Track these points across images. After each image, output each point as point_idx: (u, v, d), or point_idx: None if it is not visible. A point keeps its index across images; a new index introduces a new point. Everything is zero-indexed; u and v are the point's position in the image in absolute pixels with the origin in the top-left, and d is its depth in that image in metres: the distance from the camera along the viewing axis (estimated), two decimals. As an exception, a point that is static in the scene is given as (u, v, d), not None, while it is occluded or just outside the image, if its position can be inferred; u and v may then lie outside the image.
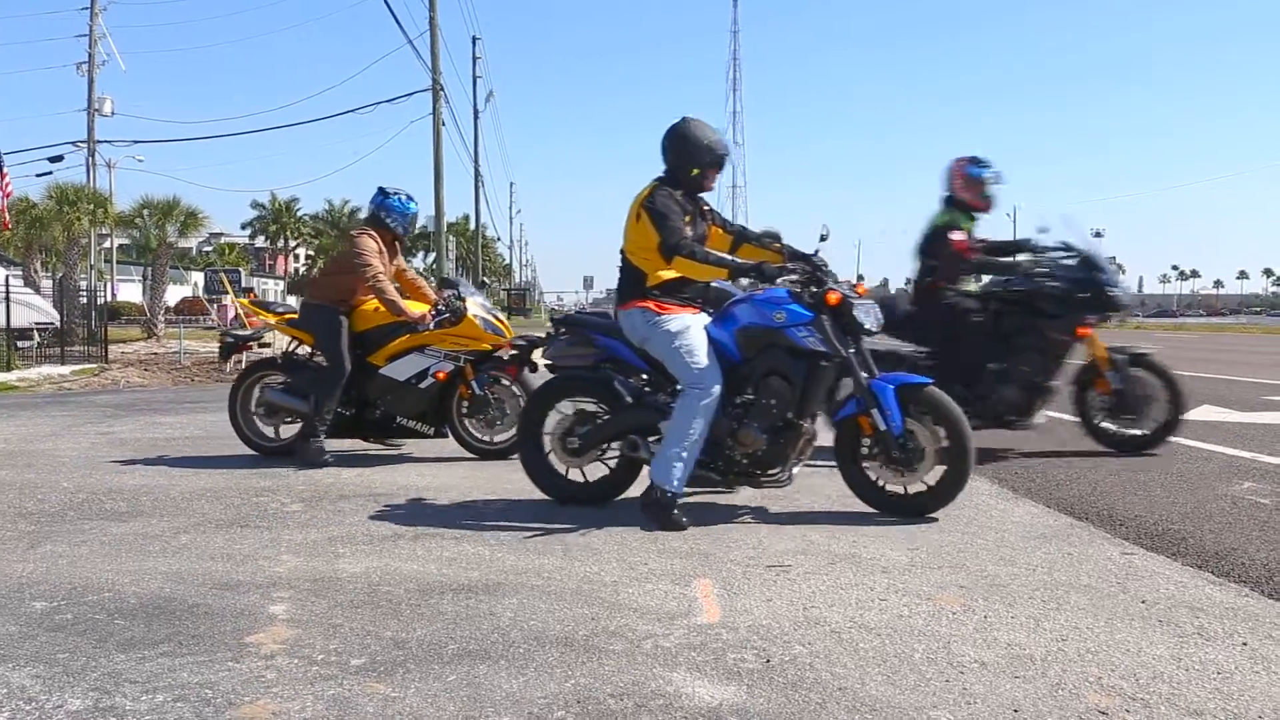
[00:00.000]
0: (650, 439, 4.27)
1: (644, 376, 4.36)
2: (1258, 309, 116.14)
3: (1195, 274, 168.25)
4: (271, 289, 77.80)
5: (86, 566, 3.49)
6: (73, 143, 29.18)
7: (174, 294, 37.40)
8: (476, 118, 34.98)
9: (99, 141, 29.96)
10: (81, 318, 19.71)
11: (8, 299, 14.68)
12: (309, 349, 5.97)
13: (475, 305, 5.83)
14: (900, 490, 4.14)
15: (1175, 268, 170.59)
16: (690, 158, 4.27)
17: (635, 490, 4.31)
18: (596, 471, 4.51)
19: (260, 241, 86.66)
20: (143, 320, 25.57)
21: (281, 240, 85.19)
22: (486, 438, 5.86)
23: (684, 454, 4.03)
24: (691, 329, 4.12)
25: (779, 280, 4.13)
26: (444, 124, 22.66)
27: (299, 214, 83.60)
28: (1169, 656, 2.54)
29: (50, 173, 26.72)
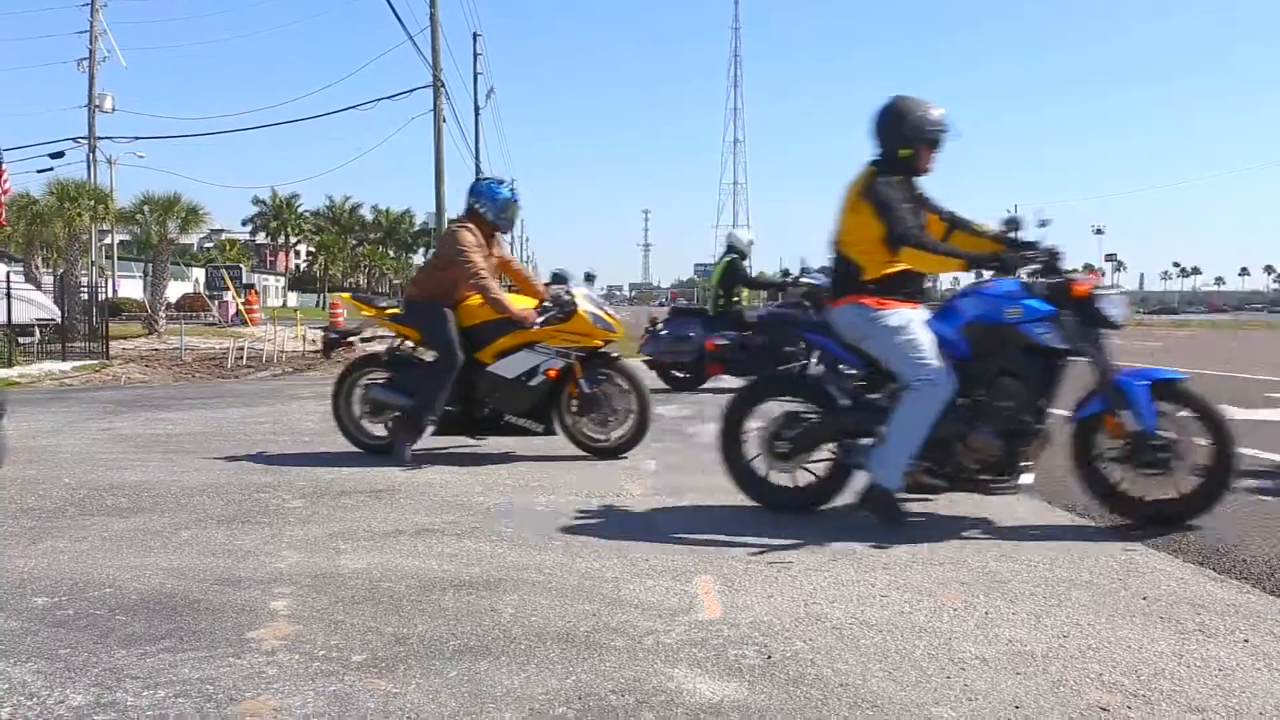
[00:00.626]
0: (863, 441, 4.00)
1: (857, 376, 4.08)
2: (1259, 305, 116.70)
3: (1196, 271, 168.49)
4: (273, 285, 77.92)
5: (88, 562, 3.49)
6: (73, 139, 29.21)
7: (175, 290, 37.45)
8: (477, 114, 34.94)
9: (100, 138, 29.98)
10: (83, 314, 19.70)
11: (9, 295, 14.69)
12: (412, 345, 5.84)
13: (585, 300, 5.65)
14: (1150, 496, 3.81)
15: (1176, 264, 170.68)
16: (901, 137, 3.98)
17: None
18: (784, 475, 4.23)
19: (261, 238, 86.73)
20: (144, 316, 25.57)
21: (282, 236, 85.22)
22: (599, 435, 5.69)
23: (906, 452, 3.83)
24: (914, 323, 3.88)
25: (1017, 272, 3.83)
26: (445, 120, 22.57)
27: (300, 210, 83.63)
28: (1170, 653, 2.54)
29: (51, 169, 26.77)
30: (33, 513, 4.33)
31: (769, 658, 2.51)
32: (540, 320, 5.51)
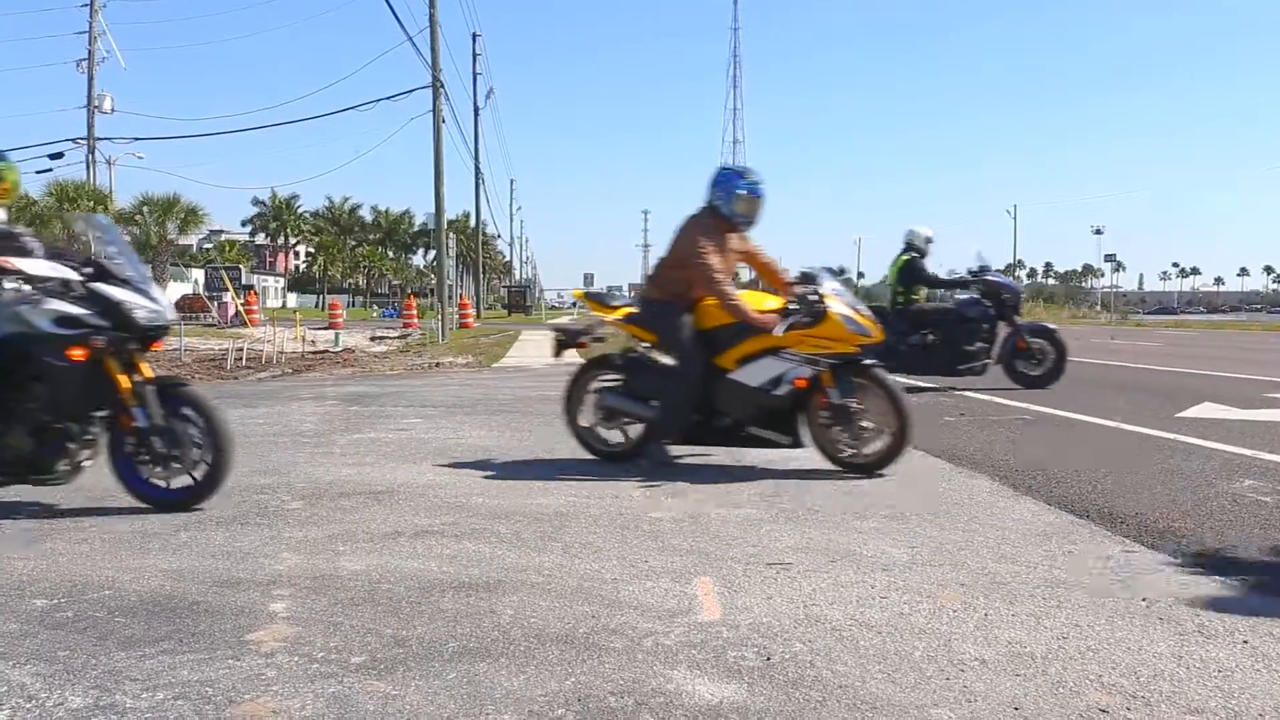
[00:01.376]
0: None
1: None
2: (1258, 306, 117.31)
3: (1196, 271, 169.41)
4: (272, 286, 77.96)
5: (87, 564, 3.49)
6: (73, 140, 29.29)
7: (174, 291, 37.39)
8: (477, 115, 35.10)
9: (99, 138, 30.07)
10: (82, 315, 19.70)
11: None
12: (647, 345, 5.49)
13: (836, 301, 5.15)
14: None
15: (1176, 264, 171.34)
16: None
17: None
18: None
19: (261, 239, 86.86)
20: (143, 317, 25.55)
21: (282, 237, 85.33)
22: (853, 450, 5.09)
23: None
24: None
25: None
26: (444, 121, 22.61)
27: (299, 211, 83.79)
28: (1170, 654, 2.54)
29: (50, 170, 26.84)
30: (31, 514, 4.33)
31: (768, 659, 2.51)
32: (782, 328, 5.06)
